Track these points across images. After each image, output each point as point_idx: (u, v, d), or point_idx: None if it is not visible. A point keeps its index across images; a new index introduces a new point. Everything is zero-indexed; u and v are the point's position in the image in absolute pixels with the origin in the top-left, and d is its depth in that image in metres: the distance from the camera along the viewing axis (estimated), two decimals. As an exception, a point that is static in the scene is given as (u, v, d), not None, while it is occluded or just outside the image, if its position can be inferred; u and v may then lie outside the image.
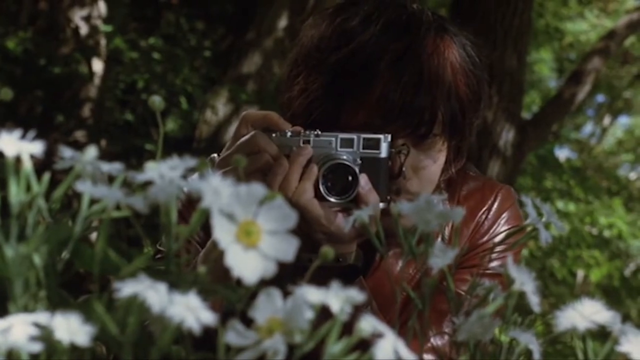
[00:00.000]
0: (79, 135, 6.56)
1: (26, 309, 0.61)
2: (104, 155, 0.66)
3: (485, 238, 1.44)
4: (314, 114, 1.35)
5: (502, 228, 1.46)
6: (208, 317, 0.57)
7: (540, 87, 12.74)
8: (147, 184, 0.66)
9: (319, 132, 1.28)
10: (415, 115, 1.31)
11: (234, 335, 0.59)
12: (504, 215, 1.46)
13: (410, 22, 1.35)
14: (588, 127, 14.67)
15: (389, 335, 0.59)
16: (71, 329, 0.55)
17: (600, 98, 13.56)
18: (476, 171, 1.55)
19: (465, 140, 1.41)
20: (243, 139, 1.28)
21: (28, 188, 0.64)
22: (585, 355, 0.72)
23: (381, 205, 1.27)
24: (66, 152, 0.68)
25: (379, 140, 1.29)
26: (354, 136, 1.29)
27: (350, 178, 1.28)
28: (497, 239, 1.44)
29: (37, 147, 0.63)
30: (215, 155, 1.42)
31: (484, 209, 1.46)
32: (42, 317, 0.56)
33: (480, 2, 4.93)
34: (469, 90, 1.36)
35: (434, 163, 1.37)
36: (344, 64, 1.32)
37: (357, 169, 1.27)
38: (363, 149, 1.30)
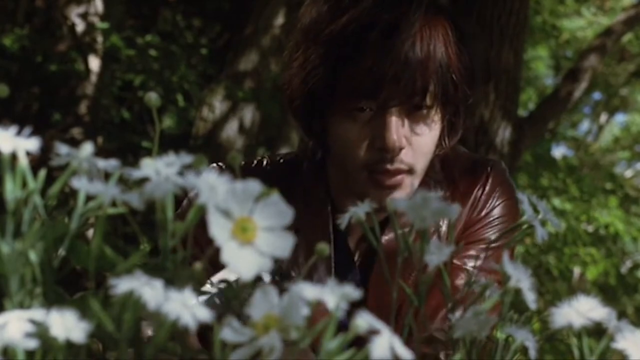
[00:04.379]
0: (76, 132, 6.56)
1: (22, 306, 0.61)
2: (101, 153, 0.66)
3: (483, 213, 1.50)
4: (310, 83, 1.40)
5: (497, 202, 1.52)
6: (204, 314, 0.57)
7: (537, 85, 12.76)
8: (144, 180, 0.66)
9: None
10: (406, 84, 1.35)
11: (229, 332, 0.59)
12: (497, 188, 1.52)
13: None
14: (584, 125, 14.70)
15: (385, 332, 0.59)
16: (67, 325, 0.55)
17: (597, 95, 13.57)
18: (465, 150, 1.61)
19: (459, 115, 1.46)
20: None
21: (24, 185, 0.64)
22: (581, 352, 0.72)
23: None
24: (62, 148, 0.68)
25: None
26: None
27: None
28: (494, 212, 1.51)
29: (33, 144, 0.63)
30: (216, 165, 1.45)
31: (480, 184, 1.52)
32: (37, 313, 0.56)
33: (476, 0, 4.93)
34: (461, 65, 1.41)
35: (427, 135, 1.41)
36: (337, 34, 1.37)
37: None
38: None
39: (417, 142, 1.40)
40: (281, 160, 1.60)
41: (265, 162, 1.59)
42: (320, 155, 1.56)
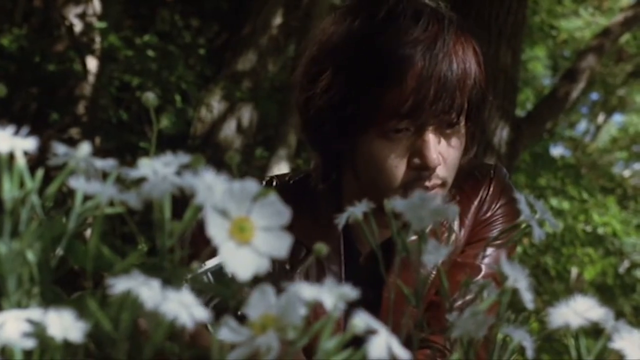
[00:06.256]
0: (74, 132, 6.56)
1: (19, 305, 0.61)
2: (98, 153, 0.66)
3: (489, 213, 1.54)
4: (347, 108, 1.38)
5: (501, 202, 1.55)
6: (201, 313, 0.57)
7: (535, 85, 12.77)
8: (141, 180, 0.66)
9: None
10: (445, 103, 1.36)
11: (227, 331, 0.59)
12: (501, 190, 1.55)
13: (433, 15, 1.40)
14: (582, 125, 14.71)
15: (382, 331, 0.59)
16: (64, 325, 0.55)
17: (595, 96, 13.59)
18: None
19: (478, 125, 1.49)
20: None
21: (21, 184, 0.64)
22: (579, 352, 0.72)
23: None
24: (60, 148, 0.68)
25: None
26: None
27: None
28: (498, 212, 1.54)
29: (30, 144, 0.63)
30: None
31: (484, 186, 1.55)
32: (35, 313, 0.56)
33: (475, 0, 4.93)
34: (485, 78, 1.44)
35: (458, 148, 1.44)
36: (379, 55, 1.37)
37: None
38: None
39: (449, 156, 1.42)
40: (290, 181, 1.59)
41: (274, 183, 1.58)
42: (335, 177, 1.54)
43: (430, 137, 1.38)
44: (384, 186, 1.41)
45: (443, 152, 1.40)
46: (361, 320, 0.58)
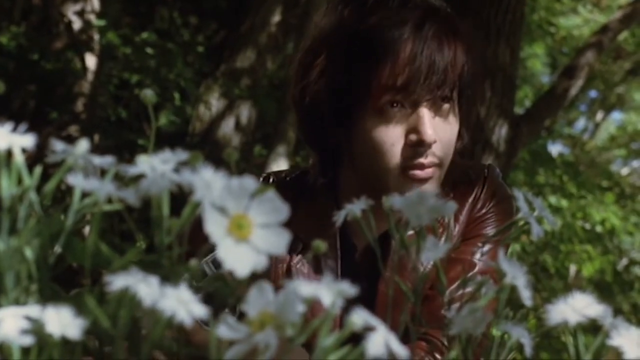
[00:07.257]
0: (72, 130, 6.56)
1: (17, 303, 0.61)
2: (97, 150, 0.66)
3: (483, 210, 1.56)
4: (338, 85, 1.43)
5: (495, 201, 1.57)
6: (200, 310, 0.57)
7: (533, 82, 12.77)
8: (139, 177, 0.65)
9: None
10: (439, 77, 1.39)
11: (225, 328, 0.59)
12: (495, 189, 1.58)
13: (421, 1, 1.46)
14: (581, 123, 14.71)
15: (380, 328, 0.59)
16: (63, 322, 0.55)
17: (593, 93, 13.59)
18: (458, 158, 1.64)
19: (472, 106, 1.54)
20: None
21: (20, 181, 0.64)
22: (577, 350, 0.72)
23: None
24: (58, 145, 0.67)
25: None
26: None
27: None
28: (492, 210, 1.56)
29: (28, 141, 0.63)
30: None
31: (478, 184, 1.57)
32: (33, 310, 0.56)
33: (473, -2, 4.92)
34: (478, 58, 1.48)
35: (453, 127, 1.47)
36: (371, 33, 1.41)
37: None
38: None
39: (444, 135, 1.45)
40: (287, 178, 1.61)
41: (271, 179, 1.59)
42: (332, 173, 1.57)
43: (425, 112, 1.41)
44: (382, 167, 1.43)
45: (438, 130, 1.43)
46: (359, 317, 0.58)
